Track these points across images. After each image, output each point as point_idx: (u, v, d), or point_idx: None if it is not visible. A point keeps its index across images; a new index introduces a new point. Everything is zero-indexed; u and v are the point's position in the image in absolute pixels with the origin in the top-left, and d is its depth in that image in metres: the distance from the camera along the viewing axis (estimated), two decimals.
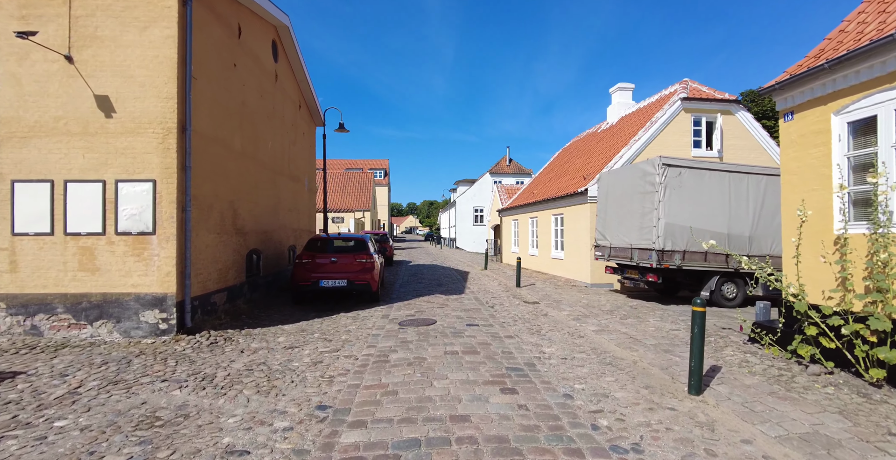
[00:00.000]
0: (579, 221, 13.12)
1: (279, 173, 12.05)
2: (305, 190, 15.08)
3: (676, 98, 12.94)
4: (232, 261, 8.72)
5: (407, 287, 12.68)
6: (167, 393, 4.48)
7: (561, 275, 14.64)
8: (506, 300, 10.36)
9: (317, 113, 15.91)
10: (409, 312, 8.73)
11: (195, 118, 7.22)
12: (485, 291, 11.81)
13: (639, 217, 9.37)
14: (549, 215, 15.71)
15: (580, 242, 13.04)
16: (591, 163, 14.91)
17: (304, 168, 14.95)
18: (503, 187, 27.68)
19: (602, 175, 11.14)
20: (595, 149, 16.14)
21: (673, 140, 12.80)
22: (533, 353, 5.84)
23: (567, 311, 8.80)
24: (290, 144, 13.24)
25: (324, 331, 7.27)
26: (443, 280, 14.44)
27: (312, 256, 9.51)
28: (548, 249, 15.77)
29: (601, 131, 17.91)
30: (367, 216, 37.72)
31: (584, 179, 13.63)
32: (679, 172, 8.88)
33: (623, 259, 9.95)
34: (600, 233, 10.98)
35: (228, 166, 8.65)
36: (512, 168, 43.00)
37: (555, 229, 15.29)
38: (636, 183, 9.52)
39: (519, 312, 8.81)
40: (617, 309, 9.08)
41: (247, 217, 9.58)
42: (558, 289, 12.11)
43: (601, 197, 11.03)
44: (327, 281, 9.35)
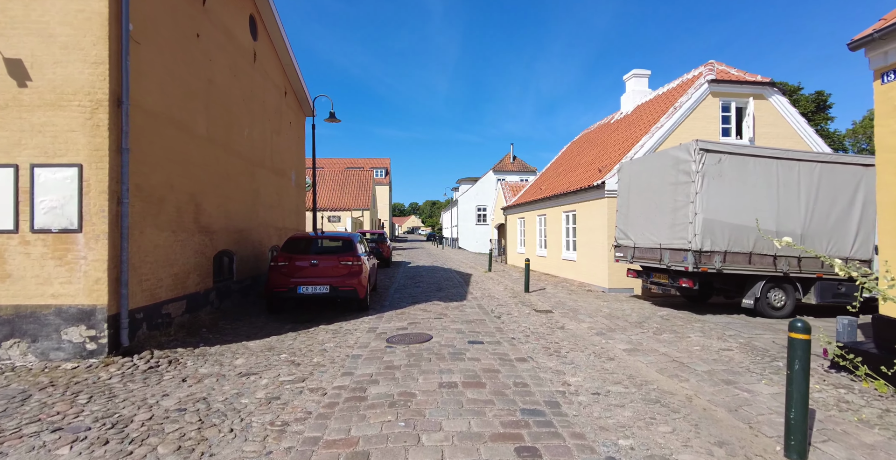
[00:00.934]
0: (595, 218, 11.78)
1: (259, 165, 10.78)
2: (292, 185, 13.81)
3: (703, 81, 11.58)
4: (193, 265, 7.44)
5: (402, 292, 11.37)
6: (49, 453, 3.19)
7: (573, 279, 13.29)
8: (514, 308, 9.04)
9: (306, 102, 14.64)
10: (401, 324, 7.42)
11: (140, 91, 5.94)
12: (489, 297, 10.49)
13: (670, 212, 8.03)
14: (559, 212, 14.37)
15: (596, 242, 11.70)
16: (606, 154, 13.56)
17: (291, 161, 13.68)
18: (508, 184, 26.35)
19: (623, 165, 9.80)
20: (610, 140, 14.79)
21: (699, 127, 11.44)
22: (554, 385, 4.52)
23: (587, 323, 7.47)
24: (274, 134, 11.96)
25: (295, 349, 5.97)
26: (443, 284, 13.13)
27: (290, 258, 8.22)
28: (558, 250, 14.43)
29: (614, 122, 16.56)
30: (366, 215, 36.46)
31: (600, 172, 12.29)
32: (719, 159, 7.54)
33: (650, 261, 8.61)
34: (621, 231, 9.65)
35: (190, 153, 7.37)
36: (516, 165, 41.66)
37: (566, 227, 13.95)
38: (666, 172, 8.19)
39: (530, 324, 7.48)
40: (646, 320, 7.74)
41: (215, 213, 8.30)
42: (572, 294, 10.78)
43: (622, 190, 9.69)
44: (307, 287, 8.06)
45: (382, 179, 66.68)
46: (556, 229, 14.63)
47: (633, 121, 14.46)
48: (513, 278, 14.49)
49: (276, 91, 12.12)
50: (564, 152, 20.20)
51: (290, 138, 13.68)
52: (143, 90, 6.04)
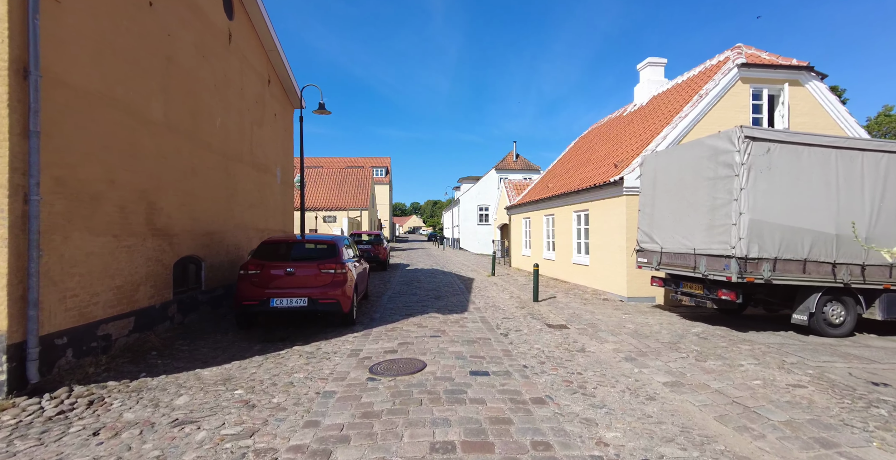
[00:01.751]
0: (611, 219, 10.59)
1: (236, 159, 9.62)
2: (277, 182, 12.65)
3: (731, 65, 10.38)
4: (145, 274, 6.28)
5: (396, 301, 10.20)
6: None
7: (586, 285, 12.10)
8: (523, 322, 7.85)
9: (293, 93, 13.48)
10: (391, 345, 6.25)
11: (63, 63, 4.78)
12: (494, 308, 9.31)
13: (706, 212, 6.84)
14: (569, 212, 13.18)
15: (613, 245, 10.51)
16: (622, 148, 12.37)
17: (277, 156, 12.52)
18: (511, 183, 25.17)
19: (647, 158, 8.61)
20: (624, 134, 13.59)
21: (727, 117, 10.24)
22: (587, 446, 3.34)
23: (612, 344, 6.28)
24: (255, 126, 10.81)
25: (256, 382, 4.81)
26: (442, 290, 11.95)
27: (262, 266, 7.05)
28: (568, 253, 13.24)
29: (628, 114, 15.36)
30: (364, 215, 35.34)
31: (616, 167, 11.09)
32: (767, 148, 6.35)
33: (681, 268, 7.43)
34: (645, 233, 8.46)
35: (140, 142, 6.22)
36: (519, 164, 40.49)
37: (577, 228, 12.75)
38: (702, 165, 7.00)
39: (544, 345, 6.30)
40: (680, 339, 6.55)
41: (176, 213, 7.15)
42: (587, 304, 9.58)
43: (646, 186, 8.50)
44: (281, 299, 6.89)
45: (383, 178, 65.62)
46: (565, 230, 13.44)
47: (649, 112, 13.26)
48: (518, 284, 13.30)
49: (257, 78, 10.97)
50: (573, 148, 19.00)
51: (276, 131, 12.53)
52: (69, 61, 4.88)
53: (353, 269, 8.00)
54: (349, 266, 7.68)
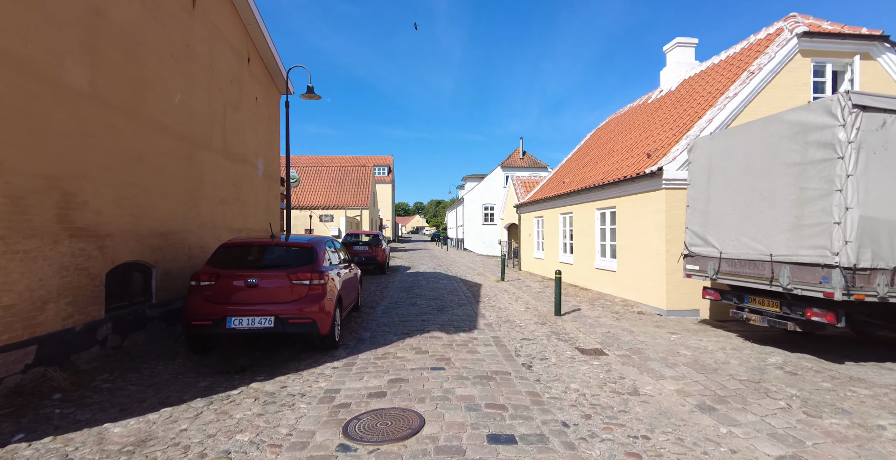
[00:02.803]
0: (646, 217, 9.01)
1: (202, 146, 8.11)
2: (259, 175, 11.15)
3: (788, 35, 8.77)
4: (56, 288, 4.77)
5: (393, 313, 8.66)
6: None
7: (612, 294, 10.52)
8: (547, 345, 6.29)
9: (279, 76, 11.98)
10: (378, 383, 4.71)
11: None
12: (508, 323, 7.75)
13: (790, 207, 5.27)
14: (590, 210, 11.60)
15: (647, 248, 8.93)
16: (653, 136, 10.78)
17: (258, 146, 11.02)
18: (520, 180, 23.59)
19: (698, 142, 7.03)
20: (652, 121, 12.00)
21: (784, 96, 8.64)
22: None
23: (672, 380, 4.72)
24: (230, 109, 9.30)
25: (179, 450, 3.29)
26: (446, 299, 10.40)
27: (217, 275, 5.53)
28: (589, 256, 11.66)
29: (653, 101, 13.76)
30: (364, 214, 33.83)
31: (649, 158, 9.51)
32: (882, 121, 4.77)
33: (749, 279, 5.85)
34: (696, 234, 6.89)
35: (48, 114, 4.71)
36: (526, 161, 38.88)
37: (600, 228, 11.17)
38: (781, 147, 5.42)
39: (583, 383, 4.74)
40: (761, 374, 4.97)
41: (110, 208, 5.64)
42: (620, 319, 8.00)
43: (697, 176, 6.93)
44: (240, 318, 5.38)
45: (385, 177, 64.23)
46: (586, 230, 11.86)
47: (681, 97, 11.66)
48: (532, 291, 11.73)
49: (232, 54, 9.46)
50: (589, 140, 17.40)
51: (257, 118, 11.03)
52: None
53: (337, 279, 6.47)
54: (331, 275, 6.14)
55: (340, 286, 6.54)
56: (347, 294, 7.18)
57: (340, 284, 6.57)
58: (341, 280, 6.74)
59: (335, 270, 6.54)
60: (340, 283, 6.58)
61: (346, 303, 7.10)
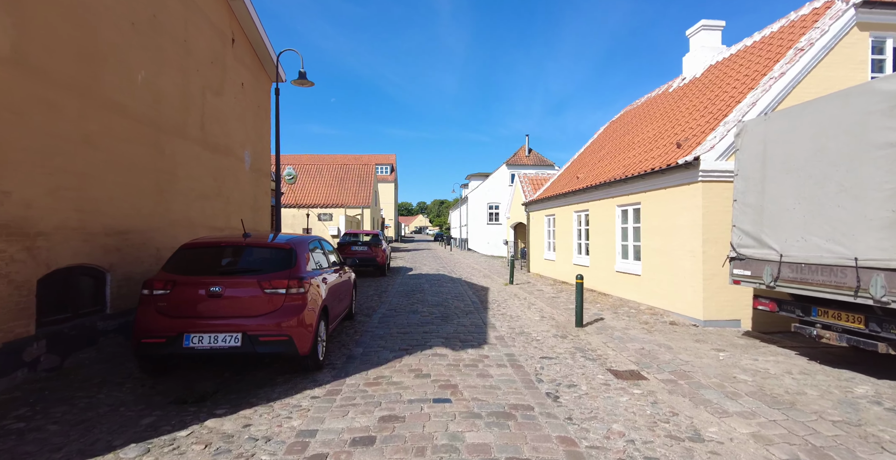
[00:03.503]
0: (678, 213, 7.96)
1: (174, 133, 7.13)
2: (245, 169, 10.17)
3: (843, 6, 7.70)
4: None
5: (391, 322, 7.64)
6: None
7: (637, 301, 9.47)
8: (573, 366, 5.26)
9: (269, 62, 11.00)
10: (366, 423, 3.69)
11: None
12: (524, 336, 6.72)
13: (886, 198, 4.22)
14: (609, 206, 10.55)
15: (680, 249, 7.88)
16: (680, 126, 9.73)
17: (244, 137, 10.04)
18: (527, 177, 22.55)
19: (748, 125, 5.99)
20: (678, 110, 10.93)
21: (839, 76, 7.57)
22: None
23: (741, 421, 3.68)
24: (210, 93, 8.33)
25: None
26: (450, 305, 9.38)
27: (173, 283, 4.54)
28: (609, 258, 10.60)
29: (675, 90, 12.68)
30: (365, 213, 32.88)
31: (679, 147, 8.46)
32: None
33: (823, 288, 4.79)
34: (746, 233, 5.84)
35: None
36: (532, 159, 37.81)
37: (622, 227, 10.12)
38: (872, 124, 4.37)
39: (626, 423, 3.70)
40: (855, 411, 3.92)
41: (44, 201, 4.65)
42: (652, 331, 6.95)
43: (748, 165, 5.88)
44: (201, 336, 4.39)
45: (388, 176, 63.35)
46: (605, 229, 10.80)
47: (709, 83, 10.59)
48: (545, 296, 10.69)
49: (213, 33, 8.48)
50: (603, 133, 16.32)
51: (244, 106, 10.05)
52: None
53: (324, 286, 5.46)
54: (315, 282, 5.14)
55: (327, 294, 5.53)
56: (337, 302, 6.17)
57: (327, 292, 5.56)
58: (329, 286, 5.73)
59: (321, 275, 5.53)
60: (327, 291, 5.58)
61: (336, 312, 6.10)
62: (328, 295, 5.59)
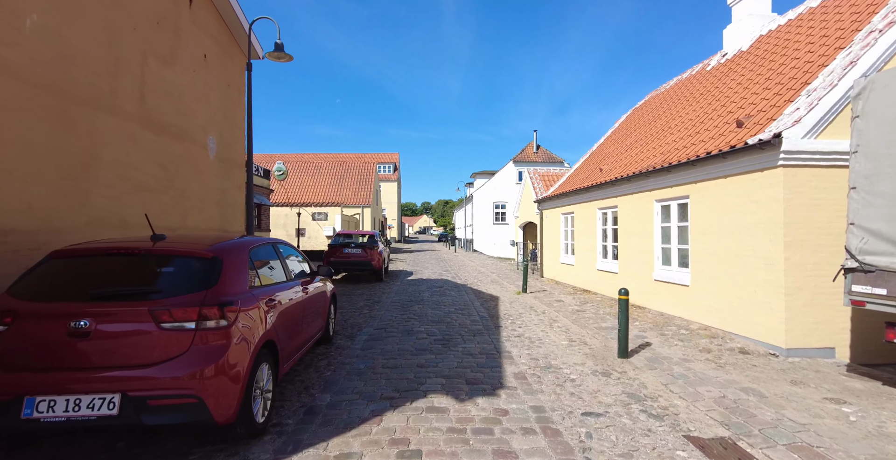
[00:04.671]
0: (746, 209, 6.23)
1: (95, 105, 5.49)
2: (210, 158, 8.53)
3: None
4: None
5: (376, 349, 5.95)
6: None
7: (684, 317, 7.73)
8: (634, 432, 3.55)
9: (241, 34, 9.37)
10: None
11: None
12: (553, 374, 5.01)
13: None
14: (645, 202, 8.82)
15: (751, 254, 6.15)
16: (735, 103, 7.98)
17: (209, 120, 8.41)
18: (538, 173, 20.81)
19: (881, 79, 4.25)
20: (723, 88, 9.18)
21: None
22: None
23: None
24: (154, 60, 6.69)
25: None
26: (454, 323, 7.69)
27: (13, 315, 2.89)
28: (645, 263, 8.87)
29: (714, 68, 10.92)
30: (365, 213, 31.27)
31: (741, 127, 6.72)
32: None
33: None
34: (873, 233, 4.13)
35: None
36: (540, 156, 36.06)
37: (661, 227, 8.38)
38: None
39: None
40: None
41: None
42: (724, 366, 5.21)
43: (878, 136, 4.16)
44: (52, 400, 2.73)
45: (390, 175, 61.82)
46: (639, 229, 9.07)
47: (763, 54, 8.84)
48: (567, 309, 8.96)
49: None
50: (625, 122, 14.55)
51: (208, 83, 8.42)
52: None
53: (270, 311, 3.79)
54: (258, 307, 3.47)
55: (277, 321, 3.86)
56: (296, 331, 4.50)
57: (277, 319, 3.89)
58: (282, 310, 4.06)
59: (269, 296, 3.87)
60: (278, 317, 3.90)
61: (295, 345, 4.42)
62: (279, 323, 3.91)
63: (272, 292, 4.01)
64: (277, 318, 3.90)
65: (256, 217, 17.37)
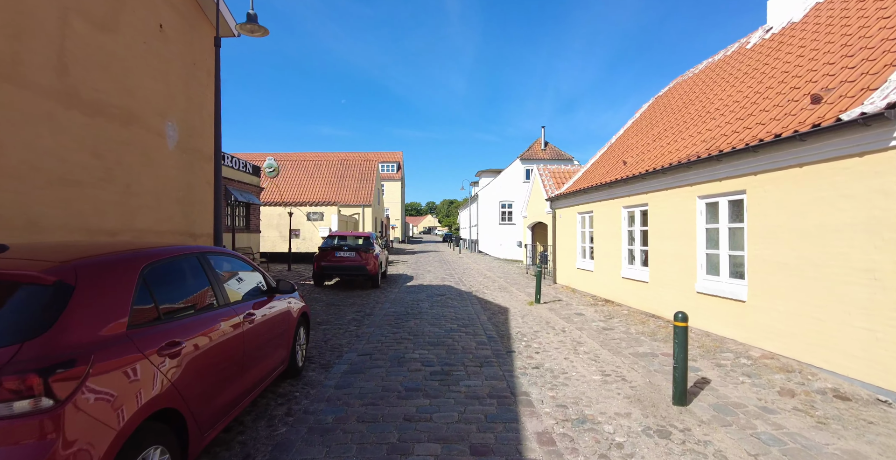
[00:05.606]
0: (835, 206, 4.84)
1: None
2: (169, 148, 7.24)
3: None
4: None
5: (355, 387, 4.60)
6: None
7: (739, 340, 6.33)
8: None
9: (210, 7, 8.07)
10: None
11: None
12: (591, 436, 3.65)
13: None
14: (685, 199, 7.43)
15: (841, 262, 4.76)
16: (801, 78, 6.56)
17: (167, 102, 7.11)
18: (548, 169, 19.39)
19: None
20: (773, 64, 7.75)
21: None
22: None
23: None
24: (81, 22, 5.39)
25: None
26: (456, 347, 6.34)
27: None
28: (685, 272, 7.46)
29: (757, 44, 9.47)
30: (366, 213, 29.99)
31: (817, 103, 5.31)
32: None
33: None
34: None
35: None
36: (548, 153, 34.62)
37: (706, 228, 6.98)
38: None
39: None
40: None
41: None
42: (825, 421, 3.82)
43: None
44: None
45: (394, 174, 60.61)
46: (675, 231, 7.67)
47: (827, 22, 7.40)
48: (591, 325, 7.58)
49: None
50: (649, 111, 13.11)
51: (166, 60, 7.12)
52: None
53: (179, 358, 2.45)
54: (141, 362, 2.14)
55: (189, 372, 2.53)
56: (231, 377, 3.16)
57: (193, 366, 2.56)
58: (206, 350, 2.74)
59: (180, 331, 2.54)
60: (197, 362, 2.58)
61: (225, 400, 3.08)
62: (192, 375, 2.58)
63: (182, 328, 2.68)
64: (189, 368, 2.58)
65: (244, 217, 16.10)
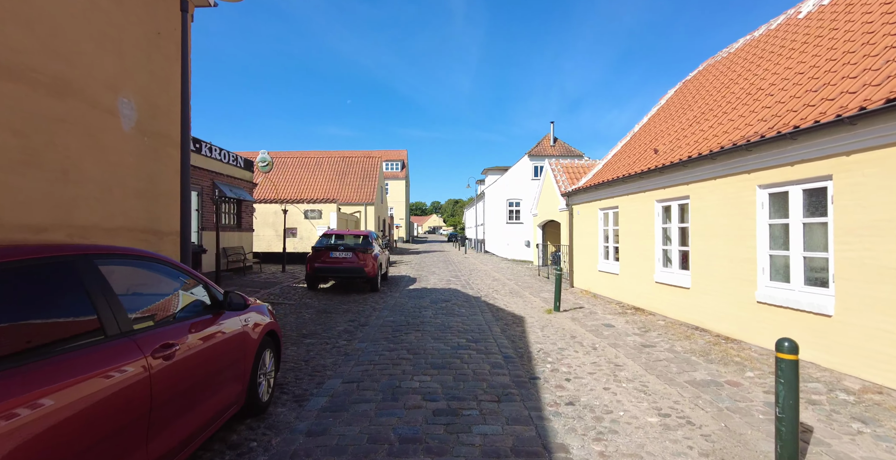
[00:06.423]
0: None
1: None
2: (125, 129, 6.10)
3: None
4: None
5: (333, 431, 3.44)
6: None
7: (824, 365, 5.04)
8: None
9: None
10: None
11: None
12: None
13: None
14: (741, 189, 6.21)
15: None
16: (871, 48, 5.30)
17: (118, 75, 5.95)
18: (561, 164, 18.19)
19: None
20: (843, 29, 6.49)
21: None
22: None
23: None
24: None
25: None
26: (466, 372, 5.17)
27: None
28: (738, 278, 6.23)
29: (811, 13, 8.20)
30: (369, 211, 28.90)
31: None
32: None
33: None
34: None
35: None
36: (558, 149, 33.33)
37: (770, 224, 5.74)
38: None
39: None
40: None
41: None
42: None
43: None
44: None
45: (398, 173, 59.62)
46: (727, 228, 6.44)
47: None
48: (627, 341, 6.37)
49: None
50: (676, 96, 11.83)
51: (117, 25, 5.98)
52: None
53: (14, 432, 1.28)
54: None
55: (36, 444, 1.36)
56: (137, 437, 2.00)
57: (53, 433, 1.39)
58: (81, 411, 1.56)
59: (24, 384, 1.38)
60: (63, 427, 1.41)
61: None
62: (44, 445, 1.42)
63: (20, 380, 1.52)
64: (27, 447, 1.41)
65: (235, 214, 15.00)
